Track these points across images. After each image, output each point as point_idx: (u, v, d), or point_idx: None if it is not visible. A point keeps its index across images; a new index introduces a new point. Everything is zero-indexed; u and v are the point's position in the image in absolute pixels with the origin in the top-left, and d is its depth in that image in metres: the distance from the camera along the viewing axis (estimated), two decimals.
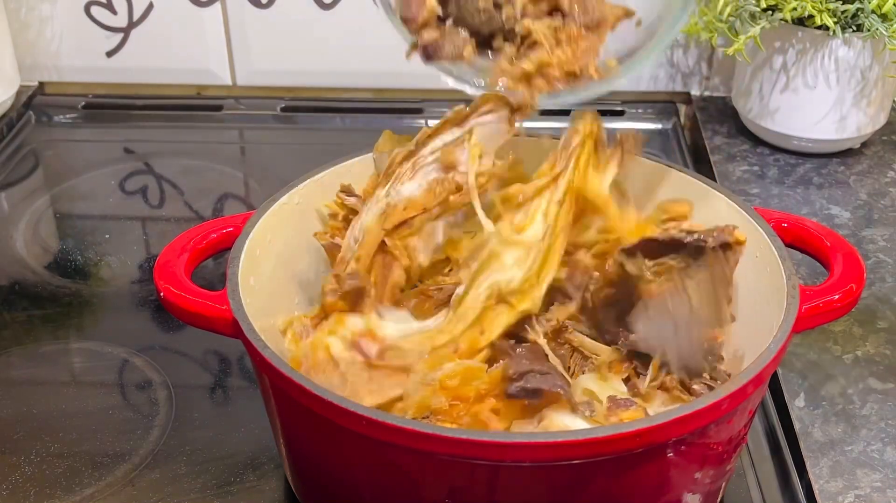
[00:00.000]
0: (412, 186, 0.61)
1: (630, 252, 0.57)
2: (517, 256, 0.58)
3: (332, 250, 0.66)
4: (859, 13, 0.92)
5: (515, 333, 0.59)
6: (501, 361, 0.56)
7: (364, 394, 0.55)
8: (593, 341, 0.61)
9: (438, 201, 0.61)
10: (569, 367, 0.61)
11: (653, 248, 0.57)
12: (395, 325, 0.58)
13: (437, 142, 0.62)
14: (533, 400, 0.54)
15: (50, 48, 1.15)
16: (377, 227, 0.61)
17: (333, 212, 0.67)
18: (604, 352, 0.61)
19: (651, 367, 0.59)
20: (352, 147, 0.72)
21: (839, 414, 0.70)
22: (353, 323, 0.57)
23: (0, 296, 0.85)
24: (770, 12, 0.94)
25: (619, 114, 1.14)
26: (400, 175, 0.62)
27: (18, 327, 0.81)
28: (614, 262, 0.58)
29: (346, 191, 0.67)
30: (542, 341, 0.59)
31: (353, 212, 0.66)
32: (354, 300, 0.58)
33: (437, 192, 0.61)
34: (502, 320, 0.58)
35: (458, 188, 0.61)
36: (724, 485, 0.61)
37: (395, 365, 0.56)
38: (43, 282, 0.87)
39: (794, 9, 0.91)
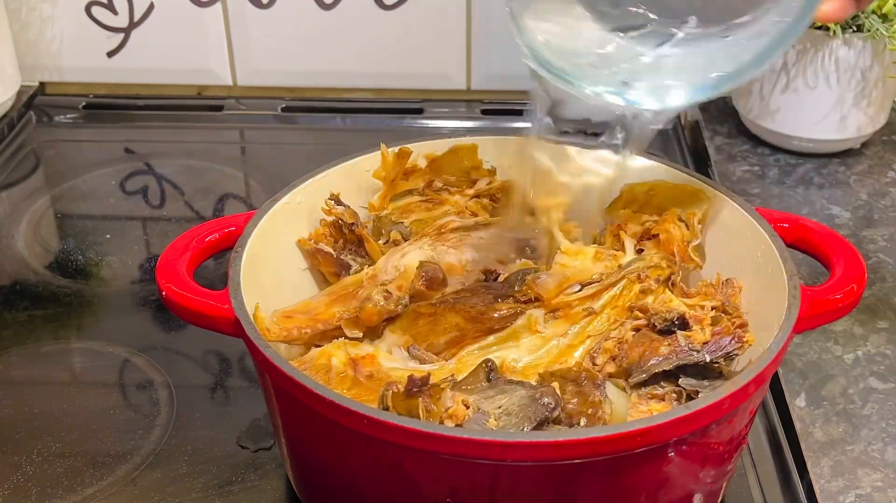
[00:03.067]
0: (454, 256, 0.68)
1: (638, 385, 0.58)
2: (533, 343, 0.61)
3: (315, 255, 0.68)
4: (859, 13, 0.92)
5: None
6: None
7: None
8: None
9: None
10: None
11: (660, 376, 0.58)
12: (395, 361, 0.61)
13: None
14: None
15: (51, 48, 1.15)
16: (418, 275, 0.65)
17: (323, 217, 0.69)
18: None
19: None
20: (352, 147, 0.72)
21: (840, 413, 0.70)
22: (364, 348, 0.61)
23: (1, 296, 0.85)
24: None
25: None
26: (448, 238, 0.68)
27: (19, 327, 0.81)
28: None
29: (335, 199, 0.68)
30: None
31: (342, 219, 0.68)
32: (389, 318, 0.62)
33: (469, 269, 0.68)
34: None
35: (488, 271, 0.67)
36: (725, 484, 0.61)
37: (376, 388, 0.58)
38: (44, 282, 0.87)
39: None
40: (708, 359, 0.57)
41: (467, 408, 0.52)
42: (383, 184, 0.71)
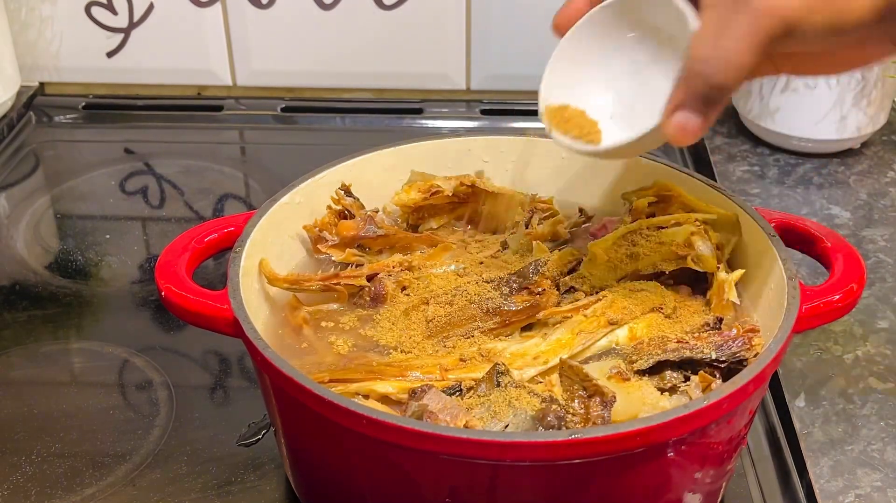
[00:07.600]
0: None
1: (644, 372, 0.58)
2: (549, 337, 0.61)
3: (317, 242, 0.68)
4: None
5: None
6: None
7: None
8: None
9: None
10: None
11: (666, 366, 0.58)
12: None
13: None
14: None
15: (50, 48, 1.15)
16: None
17: (330, 205, 0.69)
18: None
19: None
20: (352, 147, 0.72)
21: (839, 413, 0.70)
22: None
23: (1, 296, 0.85)
24: None
25: None
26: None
27: (19, 327, 0.81)
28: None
29: (346, 190, 0.69)
30: None
31: (348, 210, 0.68)
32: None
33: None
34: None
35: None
36: (724, 484, 0.61)
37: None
38: (43, 283, 0.87)
39: None
40: (713, 357, 0.57)
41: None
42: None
